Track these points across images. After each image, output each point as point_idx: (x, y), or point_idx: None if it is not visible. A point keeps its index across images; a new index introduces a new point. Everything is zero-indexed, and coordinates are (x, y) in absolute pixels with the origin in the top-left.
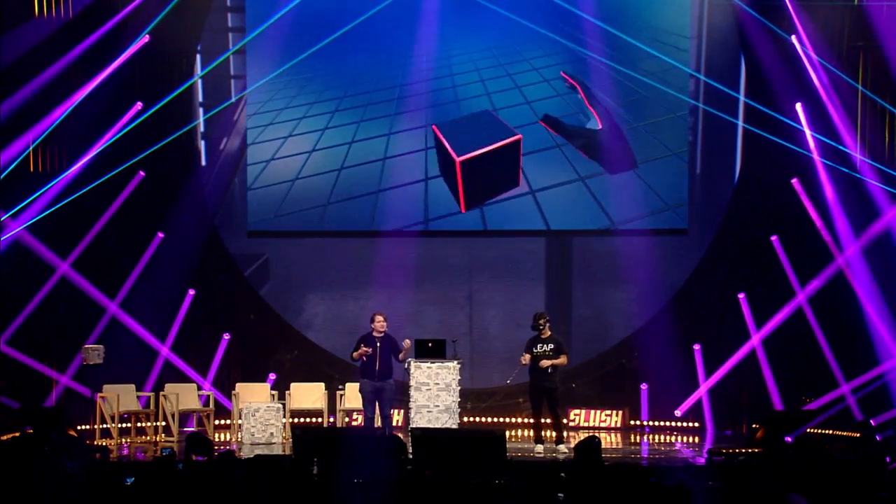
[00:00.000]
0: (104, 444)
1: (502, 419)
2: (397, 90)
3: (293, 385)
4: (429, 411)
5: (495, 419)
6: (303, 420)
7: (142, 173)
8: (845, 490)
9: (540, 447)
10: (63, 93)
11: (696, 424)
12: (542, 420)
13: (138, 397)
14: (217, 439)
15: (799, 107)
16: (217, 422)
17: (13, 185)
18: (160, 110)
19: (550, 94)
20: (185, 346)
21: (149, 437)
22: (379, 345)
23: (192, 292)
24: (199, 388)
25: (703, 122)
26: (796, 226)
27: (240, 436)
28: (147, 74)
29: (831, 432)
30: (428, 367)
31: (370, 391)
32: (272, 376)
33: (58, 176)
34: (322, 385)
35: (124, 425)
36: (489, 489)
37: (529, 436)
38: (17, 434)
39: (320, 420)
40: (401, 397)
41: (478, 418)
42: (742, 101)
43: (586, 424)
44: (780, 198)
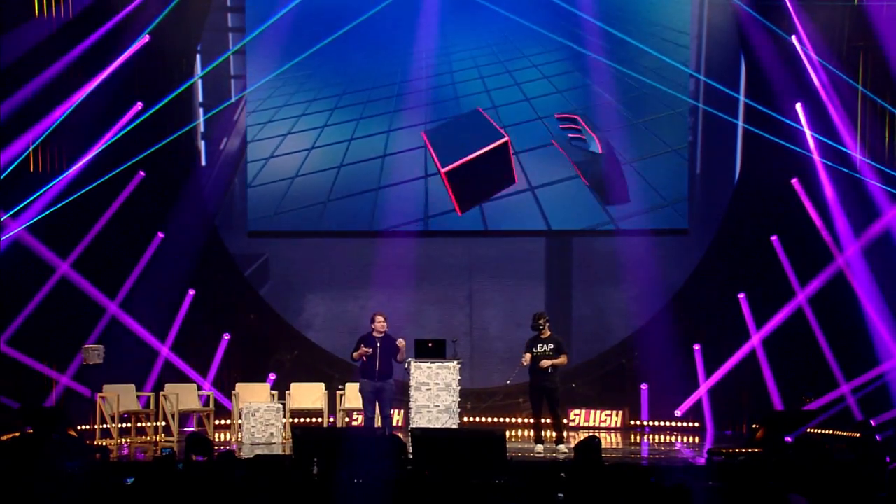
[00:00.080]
0: (104, 444)
1: (502, 419)
2: (397, 87)
3: (293, 385)
4: (429, 411)
5: (495, 419)
6: (303, 420)
7: (142, 173)
8: (845, 490)
9: (540, 447)
10: (63, 93)
11: (696, 424)
12: (542, 420)
13: (138, 397)
14: (217, 439)
15: (799, 107)
16: (217, 422)
17: (13, 185)
18: (160, 110)
19: (550, 90)
20: (185, 346)
21: (149, 437)
22: (379, 345)
23: (192, 292)
24: (199, 388)
25: (702, 122)
26: (796, 226)
27: (240, 436)
28: (147, 74)
29: (831, 432)
30: (428, 367)
31: (370, 391)
32: (272, 376)
33: (58, 176)
34: (322, 385)
35: (124, 425)
36: (489, 489)
37: (529, 436)
38: (17, 434)
39: (320, 420)
40: (401, 397)
41: (478, 418)
42: (742, 101)
43: (586, 424)
44: (780, 198)
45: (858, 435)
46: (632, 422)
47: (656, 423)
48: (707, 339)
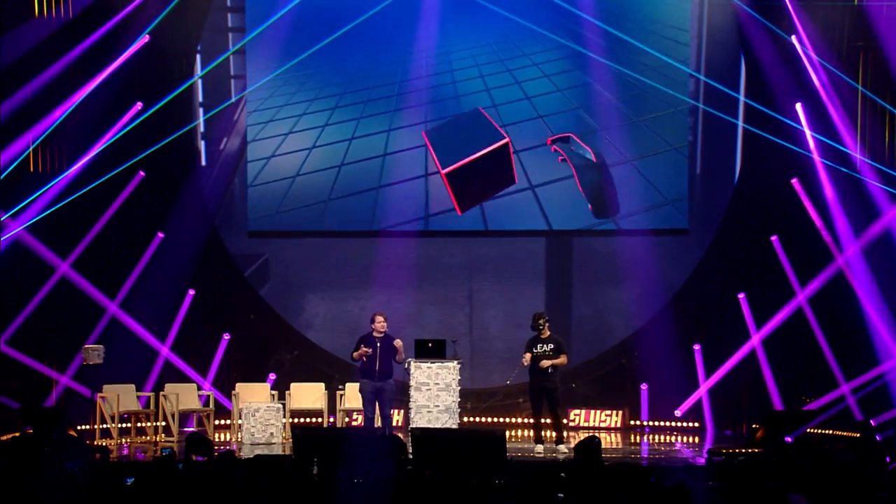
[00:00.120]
0: (104, 444)
1: (502, 419)
2: (397, 86)
3: (293, 385)
4: (429, 411)
5: (495, 419)
6: (303, 420)
7: (142, 173)
8: (845, 490)
9: (540, 447)
10: (63, 93)
11: (696, 424)
12: (542, 420)
13: (138, 397)
14: (217, 439)
15: (799, 107)
16: (217, 422)
17: (13, 185)
18: (160, 110)
19: (550, 89)
20: (185, 346)
21: (149, 437)
22: (379, 345)
23: (192, 292)
24: (199, 388)
25: (702, 122)
26: (796, 226)
27: (240, 436)
28: (147, 74)
29: (831, 432)
30: (428, 367)
31: (370, 391)
32: (272, 376)
33: (58, 176)
34: (322, 385)
35: (124, 425)
36: (489, 489)
37: (529, 436)
38: (17, 434)
39: (320, 420)
40: (401, 397)
41: (478, 418)
42: (742, 101)
43: (586, 424)
44: (780, 198)
45: (858, 435)
46: (632, 422)
47: (656, 423)
48: (707, 339)
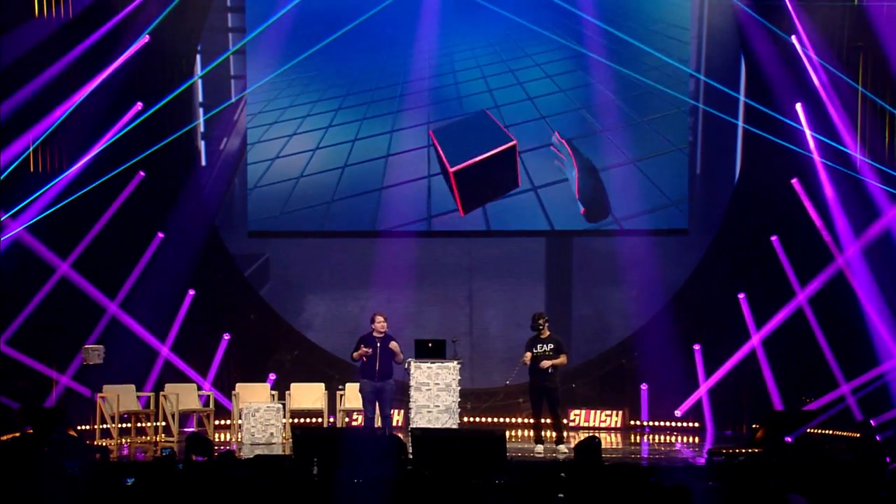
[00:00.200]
0: (104, 444)
1: (502, 419)
2: (400, 88)
3: (293, 385)
4: (429, 411)
5: (495, 419)
6: (303, 420)
7: (142, 173)
8: (845, 490)
9: (540, 447)
10: (63, 93)
11: (696, 424)
12: (542, 420)
13: (138, 397)
14: (217, 439)
15: (799, 107)
16: (217, 422)
17: (13, 185)
18: (160, 110)
19: (553, 89)
20: (185, 346)
21: (149, 437)
22: (379, 345)
23: (192, 292)
24: (199, 388)
25: (703, 122)
26: (796, 226)
27: (240, 436)
28: (147, 74)
29: (831, 432)
30: (428, 367)
31: (370, 391)
32: (272, 376)
33: (58, 176)
34: (322, 385)
35: (124, 425)
36: (489, 489)
37: (529, 436)
38: (17, 434)
39: (320, 420)
40: (401, 397)
41: (478, 418)
42: (742, 101)
43: (586, 424)
44: (780, 198)
45: (858, 435)
46: (632, 422)
47: (656, 423)
48: (707, 339)
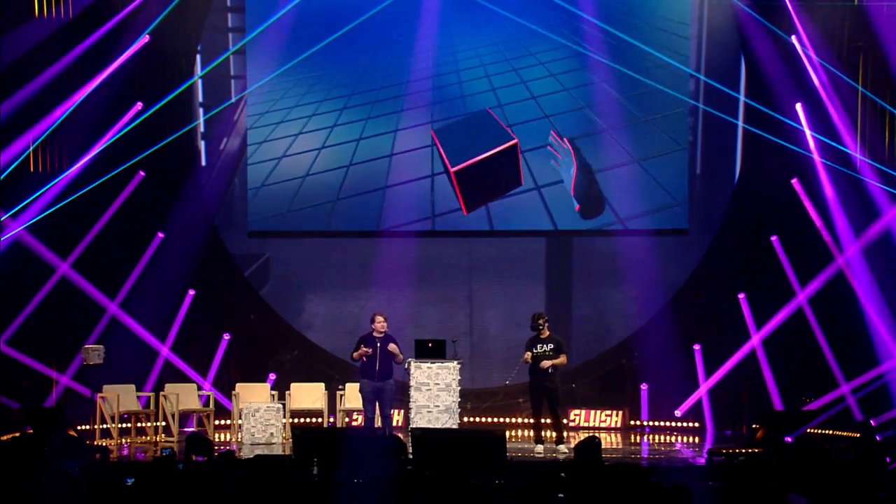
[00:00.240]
0: (104, 444)
1: (502, 419)
2: (403, 87)
3: (293, 385)
4: (429, 411)
5: (495, 419)
6: (303, 420)
7: (142, 173)
8: (845, 490)
9: (540, 447)
10: (63, 93)
11: (696, 424)
12: (542, 420)
13: (138, 397)
14: (217, 439)
15: (799, 107)
16: (217, 422)
17: (13, 185)
18: (160, 110)
19: (557, 88)
20: (185, 346)
21: (149, 437)
22: (379, 345)
23: (192, 292)
24: (199, 388)
25: (703, 122)
26: (796, 226)
27: (240, 436)
28: (147, 74)
29: (831, 432)
30: (428, 367)
31: (370, 391)
32: (272, 376)
33: (58, 176)
34: (322, 385)
35: (124, 425)
36: (489, 489)
37: (529, 436)
38: (17, 434)
39: (320, 420)
40: (401, 397)
41: (478, 418)
42: (742, 101)
43: (586, 424)
44: (780, 198)
45: (858, 435)
46: (632, 422)
47: (656, 423)
48: (707, 339)
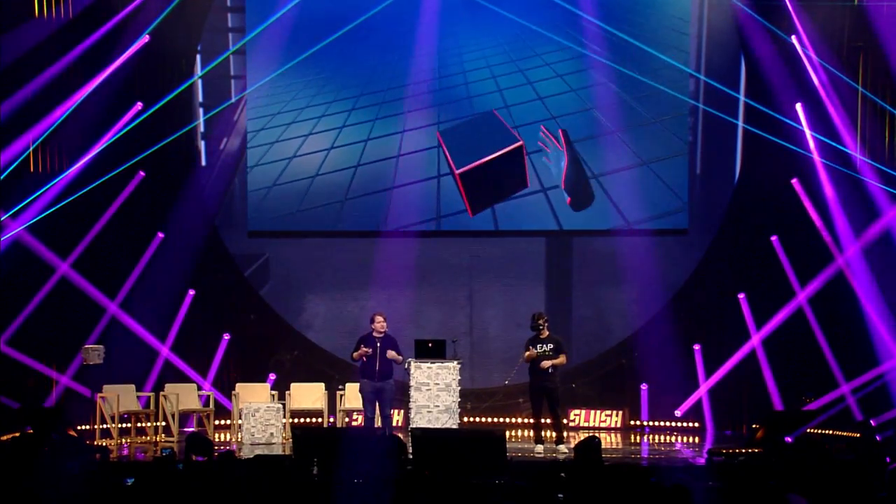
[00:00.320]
0: (104, 444)
1: (502, 419)
2: (409, 88)
3: (293, 385)
4: (429, 411)
5: (495, 419)
6: (303, 420)
7: (142, 173)
8: (845, 490)
9: (540, 447)
10: (63, 93)
11: (696, 424)
12: (542, 420)
13: (138, 397)
14: (217, 439)
15: (799, 107)
16: (217, 422)
17: (13, 185)
18: (160, 110)
19: (564, 89)
20: (185, 346)
21: (149, 437)
22: (379, 345)
23: (192, 292)
24: (199, 388)
25: (703, 122)
26: (796, 226)
27: (240, 436)
28: (147, 74)
29: (831, 432)
30: (428, 367)
31: (370, 391)
32: (272, 376)
33: (58, 176)
34: (322, 385)
35: (124, 425)
36: (489, 489)
37: (529, 436)
38: (17, 434)
39: (320, 420)
40: (401, 397)
41: (478, 418)
42: (742, 101)
43: (586, 424)
44: (780, 198)
45: (858, 435)
46: (632, 422)
47: (656, 423)
48: (707, 339)
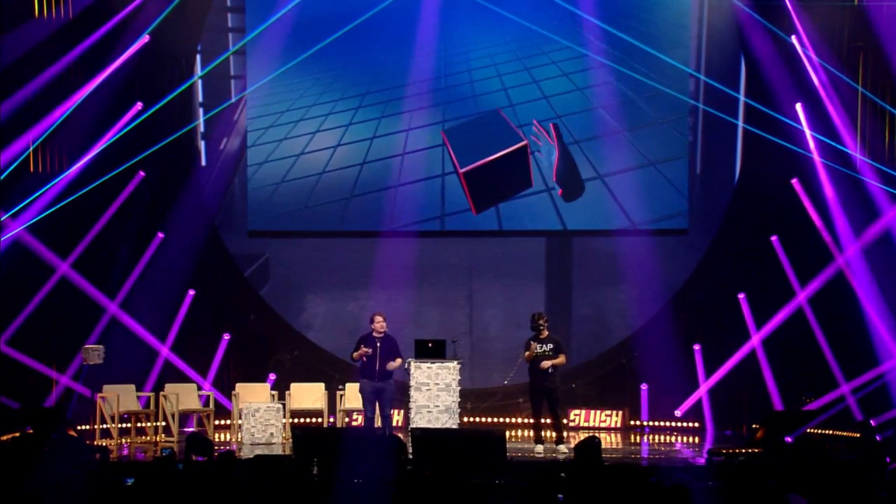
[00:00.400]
0: (104, 444)
1: (502, 419)
2: (414, 86)
3: (293, 385)
4: (429, 411)
5: (495, 419)
6: (303, 420)
7: (142, 173)
8: (845, 490)
9: (540, 447)
10: (63, 93)
11: (696, 424)
12: (542, 420)
13: (138, 397)
14: (217, 439)
15: (799, 107)
16: (217, 422)
17: (13, 185)
18: (160, 110)
19: (570, 88)
20: (185, 346)
21: (149, 437)
22: (379, 345)
23: (192, 292)
24: (199, 388)
25: (703, 122)
26: (796, 226)
27: (240, 436)
28: (147, 74)
29: (831, 432)
30: (428, 367)
31: (370, 391)
32: (272, 376)
33: (58, 176)
34: (322, 385)
35: (124, 425)
36: (489, 489)
37: (529, 436)
38: (17, 434)
39: (320, 420)
40: (401, 397)
41: (478, 418)
42: (742, 101)
43: (586, 424)
44: (780, 198)
45: (858, 435)
46: (632, 422)
47: (656, 423)
48: (707, 339)
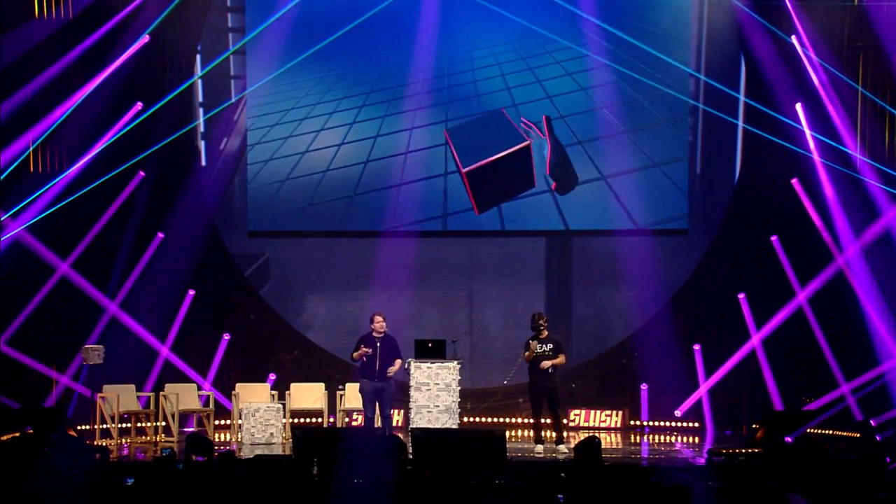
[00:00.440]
0: (104, 444)
1: (502, 419)
2: (417, 85)
3: (293, 385)
4: (429, 411)
5: (495, 419)
6: (303, 420)
7: (142, 173)
8: (845, 490)
9: (540, 447)
10: (63, 93)
11: (696, 424)
12: (542, 420)
13: (138, 397)
14: (217, 439)
15: (799, 107)
16: (217, 422)
17: (13, 185)
18: (160, 110)
19: (574, 88)
20: (185, 346)
21: (149, 437)
22: (379, 345)
23: (192, 292)
24: (199, 388)
25: (703, 122)
26: (796, 226)
27: (240, 436)
28: (147, 74)
29: (831, 432)
30: (428, 367)
31: (370, 391)
32: (272, 376)
33: (58, 176)
34: (322, 385)
35: (124, 425)
36: (489, 489)
37: (529, 436)
38: (17, 434)
39: (320, 420)
40: (401, 397)
41: (478, 418)
42: (742, 101)
43: (586, 424)
44: (780, 198)
45: (858, 435)
46: (632, 422)
47: (656, 423)
48: (707, 339)
